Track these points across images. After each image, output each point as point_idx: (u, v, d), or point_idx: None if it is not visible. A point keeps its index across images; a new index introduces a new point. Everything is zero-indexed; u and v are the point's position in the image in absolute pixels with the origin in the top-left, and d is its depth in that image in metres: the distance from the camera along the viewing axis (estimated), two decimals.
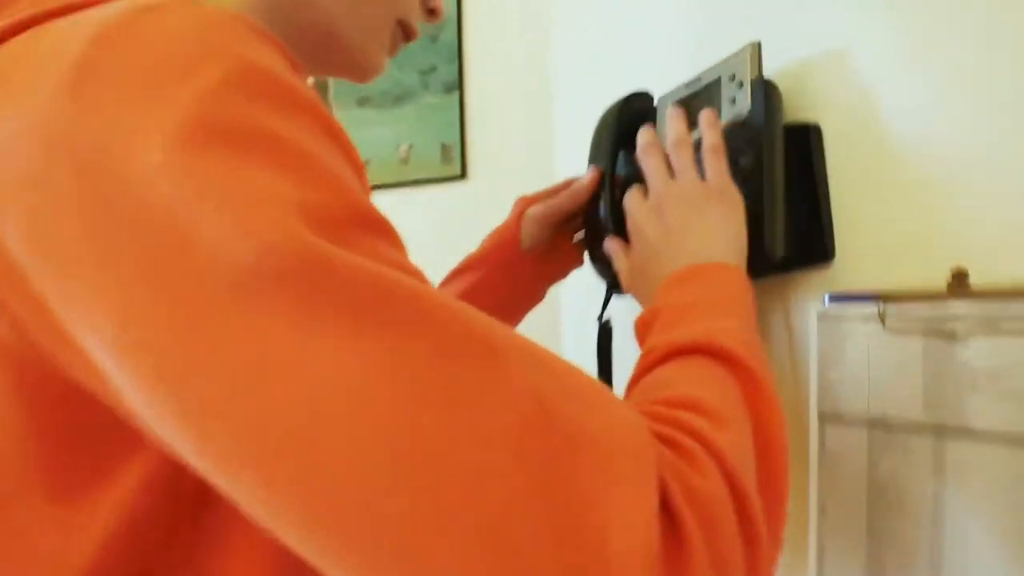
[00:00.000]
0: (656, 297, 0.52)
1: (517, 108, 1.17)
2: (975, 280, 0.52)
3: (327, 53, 0.54)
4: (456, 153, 1.20)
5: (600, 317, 0.69)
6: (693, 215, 0.56)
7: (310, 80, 0.63)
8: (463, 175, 1.20)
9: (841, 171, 0.63)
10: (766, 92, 0.60)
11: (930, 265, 0.57)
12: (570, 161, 1.13)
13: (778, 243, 0.59)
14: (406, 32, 0.58)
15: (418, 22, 0.58)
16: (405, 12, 0.57)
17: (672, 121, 0.61)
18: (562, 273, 0.75)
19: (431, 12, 0.60)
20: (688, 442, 0.32)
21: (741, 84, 0.62)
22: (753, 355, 0.44)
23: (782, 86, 0.67)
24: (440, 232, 1.22)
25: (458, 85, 1.20)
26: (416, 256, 0.54)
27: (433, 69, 1.22)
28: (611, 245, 0.61)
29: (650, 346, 0.44)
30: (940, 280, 0.54)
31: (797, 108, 0.66)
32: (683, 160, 0.58)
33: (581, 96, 1.10)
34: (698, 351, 0.43)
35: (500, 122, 1.19)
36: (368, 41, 0.55)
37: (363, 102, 1.29)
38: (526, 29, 1.17)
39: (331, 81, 1.30)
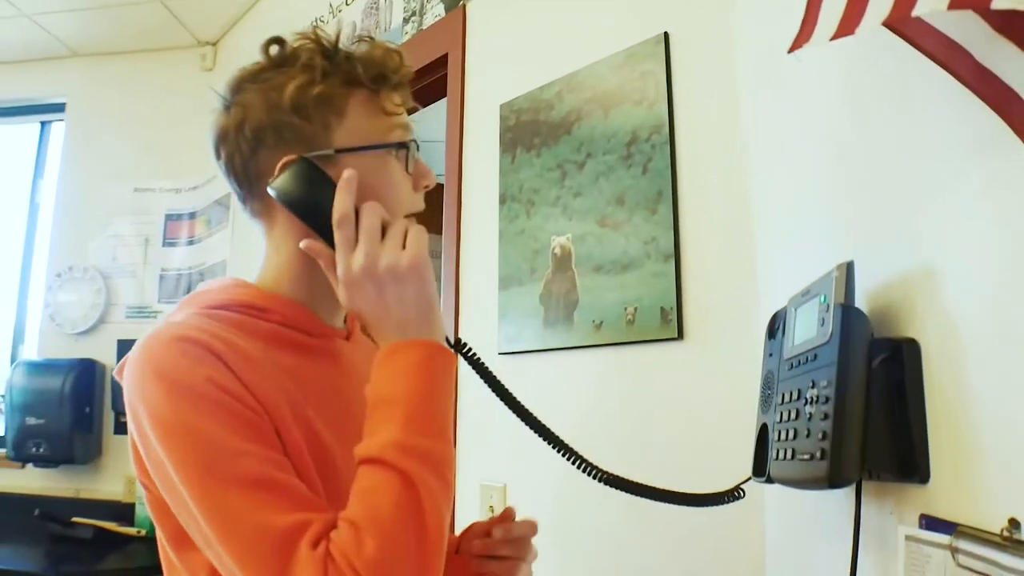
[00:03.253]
0: (372, 376, 0.72)
1: (727, 275, 1.25)
2: None
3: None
4: (673, 316, 1.29)
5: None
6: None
7: None
8: (680, 336, 1.29)
9: (940, 389, 0.63)
10: (845, 319, 0.64)
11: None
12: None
13: (848, 469, 0.61)
14: None
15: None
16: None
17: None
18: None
19: None
20: (338, 561, 0.61)
21: (829, 307, 0.66)
22: (410, 458, 0.66)
23: (884, 299, 0.69)
24: (659, 387, 1.32)
25: (675, 254, 1.31)
26: (638, 408, 1.37)
27: (653, 239, 1.35)
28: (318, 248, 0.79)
29: (356, 450, 0.70)
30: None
31: (898, 322, 0.67)
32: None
33: (782, 260, 1.15)
34: (370, 462, 0.67)
35: (712, 288, 1.27)
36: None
37: (598, 269, 1.45)
38: (730, 200, 1.25)
39: (572, 251, 1.50)
